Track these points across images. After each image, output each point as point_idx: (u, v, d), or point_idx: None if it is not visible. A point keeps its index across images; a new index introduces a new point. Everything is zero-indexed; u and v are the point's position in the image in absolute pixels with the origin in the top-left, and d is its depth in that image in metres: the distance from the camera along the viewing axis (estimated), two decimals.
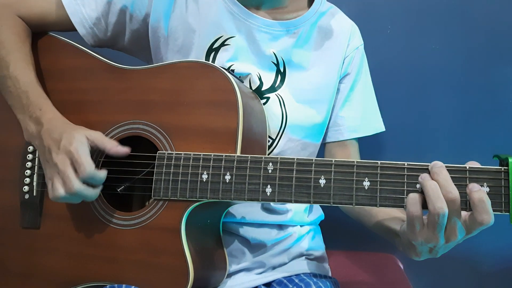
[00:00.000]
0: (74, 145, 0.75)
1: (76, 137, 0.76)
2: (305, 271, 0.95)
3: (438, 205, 0.62)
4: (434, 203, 0.62)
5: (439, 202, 0.62)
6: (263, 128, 0.86)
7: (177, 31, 0.90)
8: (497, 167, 0.64)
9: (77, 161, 0.74)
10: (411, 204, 0.64)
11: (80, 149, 0.75)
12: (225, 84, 0.78)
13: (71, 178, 0.73)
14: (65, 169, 0.74)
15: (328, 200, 0.69)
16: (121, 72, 0.85)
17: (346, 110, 0.98)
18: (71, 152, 0.74)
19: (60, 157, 0.75)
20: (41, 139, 0.78)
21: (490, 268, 1.28)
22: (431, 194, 0.63)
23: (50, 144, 0.77)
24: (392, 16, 1.26)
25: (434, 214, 0.62)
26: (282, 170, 0.72)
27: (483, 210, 0.62)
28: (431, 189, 0.63)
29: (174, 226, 0.75)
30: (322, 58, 0.94)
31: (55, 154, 0.75)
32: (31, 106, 0.81)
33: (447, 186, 0.63)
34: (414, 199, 0.64)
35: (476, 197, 0.62)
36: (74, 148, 0.74)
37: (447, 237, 0.65)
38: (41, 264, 0.84)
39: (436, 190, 0.63)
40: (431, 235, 0.65)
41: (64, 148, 0.75)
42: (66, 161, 0.74)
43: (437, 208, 0.62)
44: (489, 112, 1.26)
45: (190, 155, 0.76)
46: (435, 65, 1.26)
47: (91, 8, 0.91)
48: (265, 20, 0.91)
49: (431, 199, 0.63)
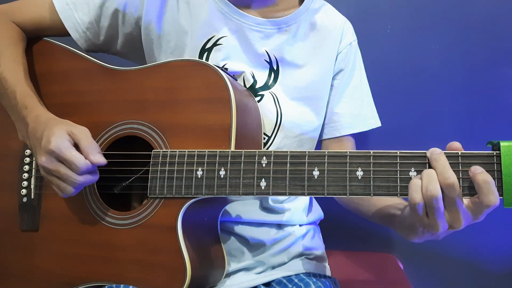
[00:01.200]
0: (53, 143, 0.72)
1: (55, 132, 0.74)
2: (305, 270, 0.94)
3: (430, 187, 0.62)
4: (427, 186, 0.62)
5: (432, 185, 0.62)
6: (258, 124, 0.87)
7: (169, 33, 0.91)
8: (489, 151, 0.64)
9: (64, 160, 0.73)
10: (413, 191, 0.63)
11: (60, 145, 0.72)
12: (218, 81, 0.79)
13: (69, 175, 0.73)
14: (57, 168, 0.73)
15: (322, 191, 0.69)
16: (116, 73, 0.86)
17: (341, 107, 0.98)
18: (53, 151, 0.72)
19: (43, 158, 0.74)
20: (29, 140, 0.79)
21: (490, 268, 1.27)
22: (425, 178, 0.63)
23: (35, 145, 0.76)
24: (392, 16, 1.26)
25: (427, 197, 0.62)
26: (276, 163, 0.72)
27: (489, 191, 0.61)
28: (425, 174, 0.63)
29: (170, 223, 0.75)
30: (315, 55, 0.94)
31: (39, 157, 0.75)
32: (18, 105, 0.81)
33: (445, 172, 0.62)
34: (416, 185, 0.64)
35: (480, 178, 0.61)
36: (54, 146, 0.72)
37: (451, 223, 0.65)
38: (40, 266, 0.84)
39: (431, 174, 0.63)
40: (432, 221, 0.64)
41: (44, 147, 0.73)
42: (52, 160, 0.73)
43: (429, 190, 0.62)
44: (489, 112, 1.26)
45: (184, 152, 0.76)
46: (435, 65, 1.26)
47: (83, 13, 0.92)
48: (256, 18, 0.91)
49: (424, 182, 0.63)
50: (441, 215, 0.63)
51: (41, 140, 0.74)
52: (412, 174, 0.66)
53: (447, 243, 1.27)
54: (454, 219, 0.64)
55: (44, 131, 0.75)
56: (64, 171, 0.73)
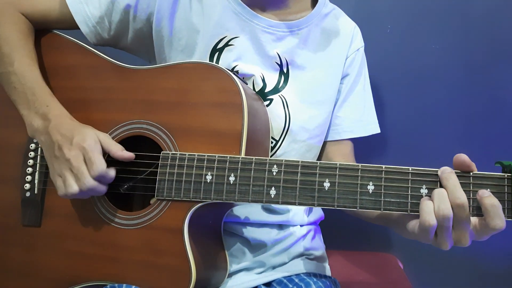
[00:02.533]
0: (88, 142, 0.76)
1: (89, 134, 0.77)
2: (305, 271, 0.95)
3: (442, 207, 0.63)
4: (439, 206, 0.63)
5: (443, 204, 0.63)
6: (266, 130, 0.87)
7: (181, 31, 0.90)
8: (500, 173, 0.65)
9: (90, 158, 0.75)
10: (427, 213, 0.64)
11: (94, 147, 0.76)
12: (231, 86, 0.78)
13: (85, 175, 0.74)
14: (79, 165, 0.75)
15: (332, 203, 0.70)
16: (126, 71, 0.85)
17: (344, 111, 0.99)
18: (85, 149, 0.75)
19: (73, 153, 0.75)
20: (48, 135, 0.78)
21: (490, 267, 1.29)
22: (436, 198, 0.64)
23: (60, 140, 0.77)
24: (392, 16, 1.27)
25: (439, 217, 0.63)
26: (286, 172, 0.72)
27: (496, 215, 0.62)
28: (437, 194, 0.64)
29: (177, 226, 0.76)
30: (325, 59, 0.95)
31: (67, 150, 0.76)
32: (37, 102, 0.81)
33: (455, 192, 0.63)
34: (429, 207, 0.64)
35: (488, 202, 0.62)
36: (88, 145, 0.75)
37: (457, 241, 0.65)
38: (41, 262, 0.84)
39: (442, 194, 0.64)
40: (440, 239, 0.65)
41: (78, 144, 0.75)
42: (80, 157, 0.75)
43: (441, 210, 0.63)
44: (489, 113, 1.27)
45: (194, 156, 0.76)
46: (435, 65, 1.27)
47: (94, 7, 0.90)
48: (269, 20, 0.91)
49: (435, 203, 0.63)
50: (450, 234, 0.64)
51: (71, 138, 0.76)
52: (424, 192, 0.67)
53: None
54: (461, 238, 0.65)
55: (74, 130, 0.77)
56: (82, 170, 0.75)
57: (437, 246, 0.66)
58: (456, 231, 0.65)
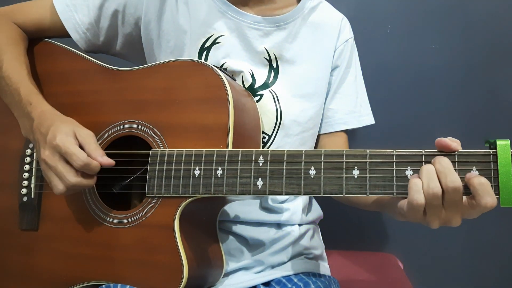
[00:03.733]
0: (58, 138, 0.74)
1: (62, 129, 0.75)
2: (304, 270, 0.94)
3: (432, 185, 0.62)
4: (428, 184, 0.62)
5: (433, 182, 0.62)
6: (256, 124, 0.87)
7: (169, 33, 0.91)
8: (486, 150, 0.64)
9: (66, 152, 0.73)
10: (415, 191, 0.63)
11: (65, 141, 0.73)
12: (216, 81, 0.79)
13: (64, 173, 0.73)
14: (56, 164, 0.74)
15: (318, 190, 0.69)
16: (115, 73, 0.87)
17: (336, 103, 0.99)
18: (58, 146, 0.73)
19: (47, 152, 0.75)
20: (33, 134, 0.79)
21: (490, 267, 1.27)
22: (425, 176, 0.63)
23: (39, 139, 0.77)
24: (392, 16, 1.27)
25: (429, 196, 0.62)
26: (272, 162, 0.72)
27: (485, 192, 0.61)
28: (425, 172, 0.63)
29: (168, 223, 0.76)
30: (313, 52, 0.95)
31: (42, 150, 0.76)
32: (22, 101, 0.82)
33: (450, 175, 0.62)
34: (417, 185, 0.63)
35: (476, 181, 0.61)
36: (59, 141, 0.73)
37: (447, 221, 0.65)
38: (39, 265, 0.84)
39: (431, 171, 0.63)
40: (429, 218, 0.64)
41: (50, 142, 0.74)
42: (55, 155, 0.74)
43: (431, 188, 0.62)
44: (489, 112, 1.26)
45: (182, 152, 0.77)
46: (435, 65, 1.26)
47: (83, 14, 0.92)
48: (254, 17, 0.92)
49: (424, 181, 0.63)
50: (439, 213, 0.63)
51: (46, 135, 0.75)
52: (409, 173, 0.66)
53: (447, 243, 1.27)
54: (452, 218, 0.64)
55: (51, 127, 0.76)
56: (60, 169, 0.74)
57: (426, 225, 0.65)
58: (448, 212, 0.64)
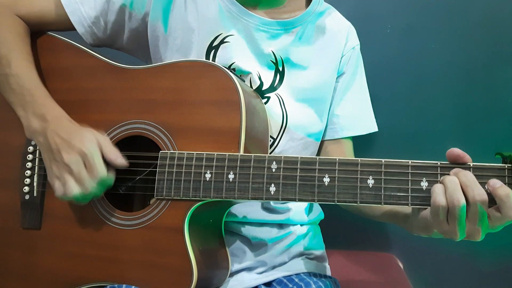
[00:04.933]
0: (87, 146, 0.74)
1: (88, 137, 0.76)
2: (305, 270, 0.95)
3: (456, 195, 0.63)
4: (452, 193, 0.63)
5: (457, 193, 0.63)
6: (265, 127, 0.87)
7: (176, 30, 0.90)
8: (500, 164, 0.65)
9: (90, 163, 0.74)
10: (437, 194, 0.64)
11: (93, 151, 0.74)
12: (228, 83, 0.78)
13: (86, 180, 0.74)
14: (80, 170, 0.74)
15: (332, 198, 0.70)
16: (123, 71, 0.85)
17: (341, 109, 0.99)
18: (85, 153, 0.74)
19: (72, 157, 0.74)
20: (46, 137, 0.77)
21: (490, 268, 1.29)
22: (450, 185, 0.64)
23: (59, 143, 0.76)
24: (392, 16, 1.26)
25: (451, 203, 0.63)
26: (286, 169, 0.72)
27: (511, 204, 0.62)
28: (449, 181, 0.64)
29: (177, 225, 0.75)
30: (320, 57, 0.95)
31: (65, 154, 0.75)
32: (35, 103, 0.80)
33: (476, 188, 0.63)
34: (440, 188, 0.64)
35: (502, 193, 0.62)
36: (87, 149, 0.74)
37: (470, 235, 0.66)
38: (41, 264, 0.83)
39: (456, 182, 0.64)
40: (452, 228, 0.65)
41: (77, 149, 0.74)
42: (80, 161, 0.74)
43: (455, 198, 0.63)
44: (489, 112, 1.26)
45: (192, 155, 0.76)
46: (435, 65, 1.27)
47: (89, 7, 0.90)
48: (263, 19, 0.91)
49: (448, 189, 0.64)
50: (463, 224, 0.64)
51: (69, 141, 0.75)
52: (424, 185, 0.66)
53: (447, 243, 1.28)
54: (475, 232, 0.65)
55: (73, 133, 0.76)
56: (84, 175, 0.74)
57: (448, 237, 0.66)
58: (473, 225, 0.64)
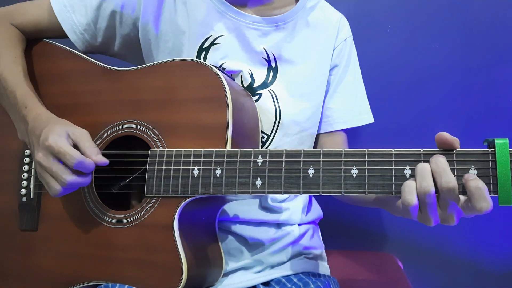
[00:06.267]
0: (50, 139, 0.73)
1: (54, 130, 0.75)
2: (304, 270, 0.94)
3: (424, 184, 0.62)
4: (421, 183, 0.62)
5: (425, 181, 0.62)
6: (255, 124, 0.87)
7: (167, 33, 0.91)
8: (484, 149, 0.64)
9: (59, 152, 0.73)
10: (407, 193, 0.63)
11: (58, 141, 0.73)
12: (215, 81, 0.79)
13: (59, 172, 0.73)
14: (50, 165, 0.74)
15: (317, 190, 0.69)
16: (114, 73, 0.87)
17: (335, 102, 0.99)
18: (50, 147, 0.73)
19: (40, 154, 0.75)
20: (28, 137, 0.79)
21: (490, 268, 1.27)
22: (419, 175, 0.63)
23: (33, 142, 0.77)
24: (392, 16, 1.27)
25: (421, 194, 0.62)
26: (271, 162, 0.72)
27: (481, 197, 0.61)
28: (419, 171, 0.63)
29: (167, 222, 0.76)
30: (312, 51, 0.95)
31: (36, 152, 0.76)
32: (18, 105, 0.82)
33: (445, 175, 0.62)
34: (410, 186, 0.63)
35: (472, 185, 0.61)
36: (52, 141, 0.73)
37: (443, 220, 0.65)
38: (39, 265, 0.85)
39: (425, 170, 0.63)
40: (424, 216, 0.64)
41: (42, 144, 0.74)
42: (48, 157, 0.74)
43: (423, 187, 0.62)
44: (489, 112, 1.26)
45: (181, 152, 0.77)
46: (435, 64, 1.26)
47: (81, 14, 0.92)
48: (253, 17, 0.92)
49: (418, 179, 0.63)
50: (434, 211, 0.63)
51: (39, 137, 0.75)
52: (407, 172, 0.66)
53: (447, 243, 1.27)
54: (448, 217, 0.64)
55: (44, 129, 0.76)
56: (55, 169, 0.73)
57: (422, 222, 0.66)
58: (443, 211, 0.64)
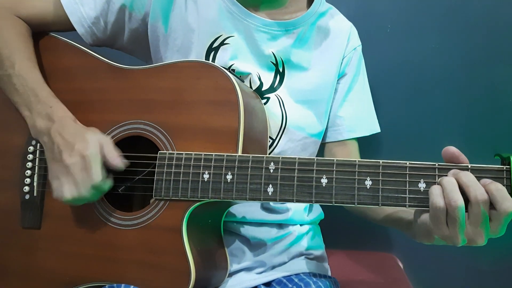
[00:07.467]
0: (89, 151, 0.75)
1: (91, 141, 0.76)
2: (305, 270, 0.95)
3: (453, 196, 0.62)
4: (449, 193, 0.62)
5: (454, 193, 0.62)
6: (264, 127, 0.86)
7: (176, 30, 0.90)
8: (499, 166, 0.64)
9: (89, 169, 0.74)
10: (435, 195, 0.63)
11: (94, 155, 0.75)
12: (226, 84, 0.78)
13: (82, 184, 0.74)
14: (79, 173, 0.74)
15: (330, 199, 0.69)
16: (122, 71, 0.85)
17: (345, 110, 0.99)
18: (86, 158, 0.74)
19: (73, 160, 0.75)
20: (50, 136, 0.78)
21: (490, 267, 1.29)
22: (447, 186, 0.63)
23: (61, 144, 0.76)
24: (392, 16, 1.27)
25: (450, 205, 0.62)
26: (283, 169, 0.72)
27: (503, 197, 0.61)
28: (447, 182, 0.63)
29: (175, 226, 0.75)
30: (321, 58, 0.95)
31: (67, 156, 0.75)
32: (40, 103, 0.81)
33: (478, 188, 0.62)
34: (437, 189, 0.63)
35: (493, 188, 0.61)
36: (89, 155, 0.75)
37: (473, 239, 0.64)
38: (41, 264, 0.84)
39: (453, 183, 0.63)
40: (452, 233, 0.64)
41: (79, 152, 0.75)
42: (79, 165, 0.74)
43: (452, 199, 0.62)
44: (489, 112, 1.26)
45: (191, 155, 0.76)
46: (435, 65, 1.27)
47: (89, 7, 0.90)
48: (264, 20, 0.91)
49: (446, 190, 0.62)
50: (463, 227, 0.63)
51: (73, 143, 0.76)
52: (422, 186, 0.66)
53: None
54: (477, 235, 0.64)
55: (77, 136, 0.76)
56: (80, 179, 0.74)
57: (449, 243, 0.65)
58: (475, 227, 0.63)
